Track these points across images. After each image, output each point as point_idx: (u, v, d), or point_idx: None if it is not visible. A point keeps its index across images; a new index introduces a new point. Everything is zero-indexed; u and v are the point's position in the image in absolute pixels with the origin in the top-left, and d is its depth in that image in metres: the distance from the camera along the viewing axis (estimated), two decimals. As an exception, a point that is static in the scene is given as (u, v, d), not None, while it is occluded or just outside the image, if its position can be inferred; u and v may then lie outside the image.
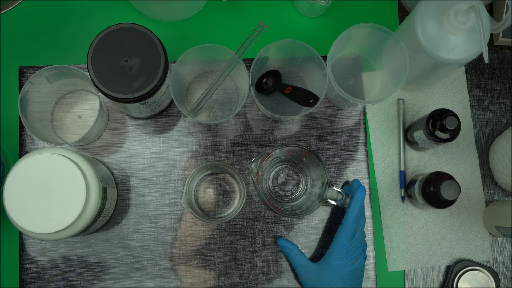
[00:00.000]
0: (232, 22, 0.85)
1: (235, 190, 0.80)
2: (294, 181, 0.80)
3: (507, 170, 0.78)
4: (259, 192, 0.74)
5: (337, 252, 0.73)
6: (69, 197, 0.65)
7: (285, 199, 0.80)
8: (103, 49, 0.68)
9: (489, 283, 0.79)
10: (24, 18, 0.84)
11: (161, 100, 0.75)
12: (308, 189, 0.79)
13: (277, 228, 0.80)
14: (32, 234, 0.66)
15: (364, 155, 0.82)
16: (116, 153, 0.81)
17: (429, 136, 0.75)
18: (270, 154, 0.75)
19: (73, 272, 0.79)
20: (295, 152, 0.75)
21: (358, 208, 0.73)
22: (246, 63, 0.76)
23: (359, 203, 0.73)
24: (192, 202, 0.79)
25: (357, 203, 0.73)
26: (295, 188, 0.80)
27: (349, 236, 0.73)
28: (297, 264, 0.76)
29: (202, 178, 0.80)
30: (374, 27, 0.73)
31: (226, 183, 0.80)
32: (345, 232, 0.73)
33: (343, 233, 0.73)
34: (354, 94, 0.82)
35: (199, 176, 0.80)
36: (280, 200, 0.79)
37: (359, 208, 0.73)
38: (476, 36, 0.69)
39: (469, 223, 0.82)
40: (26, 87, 0.72)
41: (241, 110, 0.83)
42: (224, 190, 0.80)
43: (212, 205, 0.80)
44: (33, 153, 0.67)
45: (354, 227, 0.73)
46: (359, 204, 0.73)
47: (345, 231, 0.73)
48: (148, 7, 0.82)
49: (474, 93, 0.85)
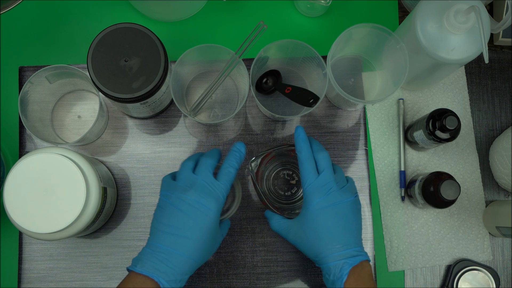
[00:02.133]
0: (232, 22, 0.85)
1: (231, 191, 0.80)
2: (294, 181, 0.80)
3: (507, 170, 0.78)
4: (258, 192, 0.74)
5: (307, 192, 0.67)
6: (69, 197, 0.65)
7: (285, 199, 0.80)
8: (103, 49, 0.68)
9: (489, 283, 0.79)
10: (24, 18, 0.84)
11: (161, 100, 0.75)
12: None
13: (277, 228, 0.80)
14: (32, 234, 0.66)
15: (364, 155, 0.82)
16: (116, 153, 0.81)
17: (429, 136, 0.75)
18: (270, 153, 0.75)
19: (73, 272, 0.79)
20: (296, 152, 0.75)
21: (301, 144, 0.68)
22: (246, 63, 0.76)
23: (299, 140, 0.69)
24: None
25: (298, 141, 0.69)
26: (295, 188, 0.80)
27: (311, 173, 0.67)
28: (278, 228, 0.72)
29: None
30: (374, 27, 0.73)
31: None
32: (305, 171, 0.67)
33: (303, 173, 0.67)
34: (354, 94, 0.82)
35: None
36: (280, 201, 0.79)
37: (303, 143, 0.68)
38: (476, 36, 0.69)
39: (469, 223, 0.82)
40: (26, 87, 0.72)
41: (241, 110, 0.83)
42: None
43: None
44: (33, 153, 0.67)
45: (311, 163, 0.67)
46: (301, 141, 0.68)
47: (305, 170, 0.67)
48: (148, 7, 0.82)
49: (474, 93, 0.85)
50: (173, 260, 0.62)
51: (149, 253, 0.63)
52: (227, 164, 0.68)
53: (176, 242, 0.63)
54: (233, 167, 0.67)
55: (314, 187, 0.66)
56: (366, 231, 0.81)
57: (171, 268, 0.62)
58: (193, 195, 0.64)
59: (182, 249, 0.63)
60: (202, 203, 0.64)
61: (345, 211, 0.66)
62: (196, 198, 0.64)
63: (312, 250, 0.67)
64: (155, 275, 0.61)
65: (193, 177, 0.65)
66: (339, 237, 0.65)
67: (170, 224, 0.64)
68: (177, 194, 0.65)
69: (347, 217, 0.66)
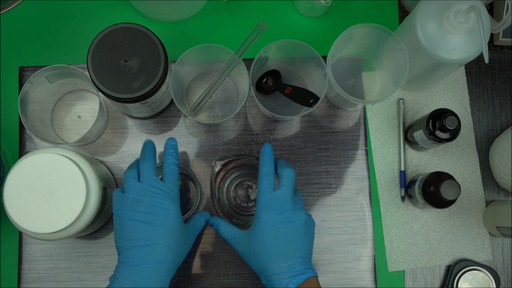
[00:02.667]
0: (232, 22, 0.85)
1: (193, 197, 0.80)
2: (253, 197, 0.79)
3: (507, 170, 0.78)
4: (212, 190, 0.73)
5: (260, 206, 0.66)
6: (69, 197, 0.65)
7: (239, 208, 0.78)
8: (103, 49, 0.68)
9: (489, 283, 0.79)
10: (24, 18, 0.84)
11: (161, 100, 0.75)
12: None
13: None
14: (32, 234, 0.66)
15: (364, 155, 0.82)
16: (116, 153, 0.81)
17: (429, 136, 0.75)
18: (239, 159, 0.74)
19: (73, 272, 0.79)
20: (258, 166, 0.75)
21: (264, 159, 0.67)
22: (246, 63, 0.76)
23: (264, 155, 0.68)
24: None
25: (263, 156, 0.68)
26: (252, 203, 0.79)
27: (267, 188, 0.66)
28: (228, 237, 0.70)
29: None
30: (374, 27, 0.73)
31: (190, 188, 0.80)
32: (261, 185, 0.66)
33: (260, 187, 0.66)
34: (354, 94, 0.82)
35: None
36: (234, 209, 0.78)
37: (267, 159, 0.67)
38: (476, 36, 0.69)
39: (469, 223, 0.82)
40: (26, 87, 0.72)
41: (241, 110, 0.83)
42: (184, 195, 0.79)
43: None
44: (33, 153, 0.67)
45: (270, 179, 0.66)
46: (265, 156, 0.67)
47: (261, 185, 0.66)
48: (148, 7, 0.82)
49: (474, 93, 0.85)
50: (148, 270, 0.62)
51: (123, 269, 0.63)
52: (166, 164, 0.69)
53: (145, 252, 0.63)
54: (173, 164, 0.69)
55: (268, 202, 0.66)
56: (366, 231, 0.81)
57: (148, 278, 0.62)
58: (146, 202, 0.64)
59: (153, 257, 0.63)
60: (158, 206, 0.64)
61: (296, 230, 0.66)
62: (149, 204, 0.64)
63: (259, 266, 0.66)
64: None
65: (140, 186, 0.65)
66: (286, 254, 0.65)
67: (134, 238, 0.64)
68: (130, 207, 0.64)
69: (298, 235, 0.66)
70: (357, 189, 0.82)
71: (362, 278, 0.80)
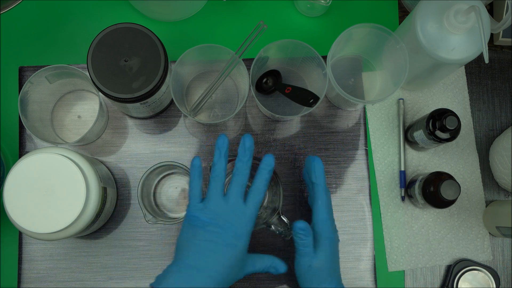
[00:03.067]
0: (232, 22, 0.85)
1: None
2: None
3: (507, 170, 0.78)
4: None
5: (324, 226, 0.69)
6: (69, 197, 0.65)
7: None
8: (103, 49, 0.68)
9: (489, 283, 0.79)
10: (24, 18, 0.84)
11: (161, 100, 0.75)
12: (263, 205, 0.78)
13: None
14: (32, 234, 0.66)
15: (364, 155, 0.82)
16: (116, 153, 0.81)
17: (429, 136, 0.75)
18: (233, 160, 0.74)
19: (73, 272, 0.79)
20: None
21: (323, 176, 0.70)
22: (246, 63, 0.76)
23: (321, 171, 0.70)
24: (151, 201, 0.78)
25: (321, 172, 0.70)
26: None
27: (327, 207, 0.70)
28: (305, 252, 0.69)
29: (162, 178, 0.80)
30: (374, 27, 0.73)
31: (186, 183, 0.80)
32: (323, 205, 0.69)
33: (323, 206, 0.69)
34: (354, 94, 0.82)
35: (159, 176, 0.80)
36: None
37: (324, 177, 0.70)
38: (476, 36, 0.69)
39: (469, 223, 0.82)
40: (26, 87, 0.72)
41: (241, 110, 0.83)
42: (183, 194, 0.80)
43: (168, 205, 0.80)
44: (33, 153, 0.67)
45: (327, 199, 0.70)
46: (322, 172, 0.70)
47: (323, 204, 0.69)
48: (148, 7, 0.82)
49: (474, 93, 0.85)
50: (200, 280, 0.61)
51: (175, 271, 0.61)
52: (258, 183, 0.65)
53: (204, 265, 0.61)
54: (265, 187, 0.65)
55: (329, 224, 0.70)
56: (366, 231, 0.81)
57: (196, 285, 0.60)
58: (223, 222, 0.62)
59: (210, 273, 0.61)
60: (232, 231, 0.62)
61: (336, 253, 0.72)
62: (225, 225, 0.62)
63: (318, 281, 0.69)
64: None
65: (223, 204, 0.63)
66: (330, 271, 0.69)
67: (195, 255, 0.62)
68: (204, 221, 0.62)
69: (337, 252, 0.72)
70: (357, 189, 0.82)
71: (362, 278, 0.80)
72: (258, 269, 0.67)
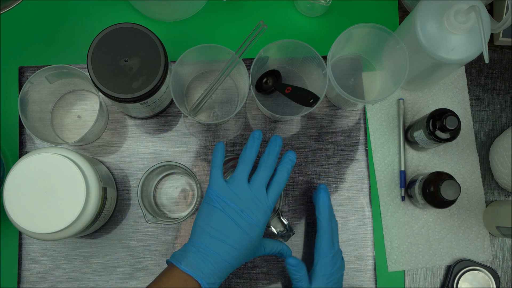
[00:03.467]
0: (232, 22, 0.85)
1: (193, 196, 0.79)
2: None
3: (507, 170, 0.78)
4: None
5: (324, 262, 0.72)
6: (69, 197, 0.65)
7: None
8: (103, 49, 0.68)
9: (489, 283, 0.79)
10: (24, 18, 0.84)
11: (161, 100, 0.75)
12: None
13: (277, 228, 0.80)
14: (32, 234, 0.66)
15: (364, 155, 0.82)
16: (116, 153, 0.81)
17: (429, 136, 0.75)
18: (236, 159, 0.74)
19: (73, 272, 0.79)
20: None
21: (327, 211, 0.73)
22: (246, 63, 0.76)
23: (325, 206, 0.73)
24: (151, 201, 0.78)
25: (325, 207, 0.73)
26: None
27: (329, 243, 0.72)
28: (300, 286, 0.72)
29: (162, 178, 0.80)
30: (374, 27, 0.73)
31: (189, 188, 0.80)
32: (324, 240, 0.72)
33: (323, 242, 0.72)
34: (354, 94, 0.82)
35: (159, 176, 0.80)
36: None
37: (328, 211, 0.73)
38: (476, 36, 0.69)
39: (469, 223, 0.82)
40: (26, 87, 0.72)
41: (241, 110, 0.83)
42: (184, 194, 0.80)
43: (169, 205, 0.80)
44: (33, 153, 0.67)
45: (331, 232, 0.73)
46: (326, 208, 0.73)
47: (325, 239, 0.72)
48: (148, 7, 0.82)
49: (474, 93, 0.85)
50: (216, 265, 0.63)
51: (194, 252, 0.64)
52: (279, 177, 0.68)
53: (221, 248, 0.64)
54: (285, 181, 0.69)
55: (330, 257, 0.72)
56: (366, 231, 0.81)
57: (213, 271, 0.63)
58: (245, 209, 0.65)
59: (226, 256, 0.64)
60: (251, 216, 0.65)
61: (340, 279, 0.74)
62: (248, 212, 0.65)
63: None
64: (198, 276, 0.62)
65: (247, 189, 0.66)
66: None
67: (218, 229, 0.64)
68: (227, 201, 0.65)
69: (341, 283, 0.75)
70: (357, 189, 0.82)
71: (362, 278, 0.80)
72: (268, 252, 0.71)
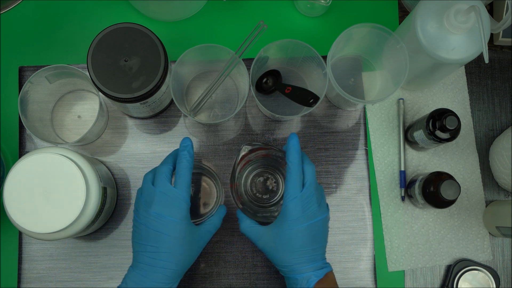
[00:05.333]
0: (232, 22, 0.85)
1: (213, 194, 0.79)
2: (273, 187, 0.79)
3: (507, 170, 0.78)
4: (233, 173, 0.73)
5: (289, 206, 0.66)
6: (69, 197, 0.65)
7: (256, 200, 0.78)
8: (103, 49, 0.68)
9: (489, 283, 0.79)
10: (24, 18, 0.84)
11: (161, 100, 0.75)
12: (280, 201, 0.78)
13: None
14: (32, 234, 0.66)
15: (364, 155, 0.82)
16: (116, 153, 0.81)
17: (429, 136, 0.75)
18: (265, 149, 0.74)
19: (73, 272, 0.79)
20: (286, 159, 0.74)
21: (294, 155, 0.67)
22: (246, 63, 0.76)
23: (293, 150, 0.67)
24: None
25: (292, 150, 0.67)
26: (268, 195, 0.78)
27: (297, 186, 0.66)
28: (250, 233, 0.70)
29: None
30: (374, 27, 0.73)
31: (207, 185, 0.80)
32: (291, 183, 0.66)
33: (289, 184, 0.66)
34: (354, 94, 0.82)
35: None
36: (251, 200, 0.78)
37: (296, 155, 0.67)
38: (476, 36, 0.69)
39: (469, 223, 0.82)
40: (26, 87, 0.72)
41: (241, 110, 0.83)
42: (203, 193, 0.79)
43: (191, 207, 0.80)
44: (33, 153, 0.67)
45: (299, 176, 0.67)
46: (294, 151, 0.67)
47: (291, 182, 0.66)
48: (148, 7, 0.82)
49: (474, 93, 0.85)
50: (154, 275, 0.65)
51: (131, 271, 0.67)
52: (178, 168, 0.68)
53: (152, 257, 0.65)
54: (186, 168, 0.68)
55: (297, 201, 0.66)
56: (366, 231, 0.81)
57: (154, 281, 0.65)
58: (155, 209, 0.65)
59: (161, 263, 0.65)
60: (165, 215, 0.65)
61: (318, 228, 0.68)
62: (158, 211, 0.65)
63: (281, 261, 0.68)
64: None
65: (153, 190, 0.67)
66: (309, 251, 0.67)
67: (144, 243, 0.66)
68: (142, 211, 0.67)
69: (319, 232, 0.68)
70: (357, 189, 0.82)
71: (362, 278, 0.80)
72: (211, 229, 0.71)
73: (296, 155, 0.67)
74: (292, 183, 0.67)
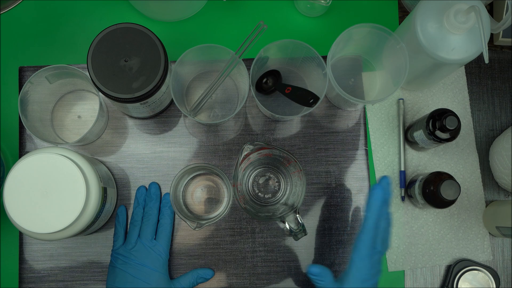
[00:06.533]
0: (232, 22, 0.85)
1: (222, 192, 0.80)
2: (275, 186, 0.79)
3: (507, 170, 0.78)
4: (236, 172, 0.73)
5: (360, 266, 0.64)
6: (69, 197, 0.65)
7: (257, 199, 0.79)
8: (103, 49, 0.68)
9: (489, 283, 0.79)
10: (24, 18, 0.84)
11: (161, 100, 0.75)
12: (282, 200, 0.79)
13: (277, 228, 0.80)
14: (32, 234, 0.66)
15: (364, 155, 0.82)
16: (116, 153, 0.81)
17: (429, 136, 0.75)
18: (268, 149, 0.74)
19: (73, 272, 0.79)
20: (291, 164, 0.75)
21: (375, 211, 0.64)
22: (246, 63, 0.76)
23: (375, 204, 0.64)
24: (180, 204, 0.78)
25: (373, 204, 0.64)
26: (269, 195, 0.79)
27: (369, 245, 0.64)
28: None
29: (189, 180, 0.80)
30: (374, 27, 0.73)
31: (214, 184, 0.80)
32: (365, 241, 0.64)
33: (362, 243, 0.64)
34: (354, 94, 0.82)
35: (187, 178, 0.80)
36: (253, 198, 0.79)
37: (378, 209, 0.64)
38: (476, 36, 0.69)
39: (469, 223, 0.82)
40: (26, 87, 0.72)
41: (241, 110, 0.83)
42: (212, 192, 0.80)
43: (200, 207, 0.80)
44: (33, 153, 0.67)
45: (374, 234, 0.65)
46: (375, 206, 0.64)
47: (365, 240, 0.64)
48: (148, 7, 0.82)
49: (474, 93, 0.85)
50: None
51: None
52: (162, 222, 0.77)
53: None
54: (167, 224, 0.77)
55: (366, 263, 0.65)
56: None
57: None
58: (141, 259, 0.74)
59: None
60: (146, 265, 0.74)
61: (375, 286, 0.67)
62: (140, 261, 0.74)
63: None
64: None
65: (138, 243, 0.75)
66: None
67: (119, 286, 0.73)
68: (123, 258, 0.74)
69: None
70: (357, 189, 0.82)
71: (362, 278, 0.80)
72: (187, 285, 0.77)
73: (375, 210, 0.65)
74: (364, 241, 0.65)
